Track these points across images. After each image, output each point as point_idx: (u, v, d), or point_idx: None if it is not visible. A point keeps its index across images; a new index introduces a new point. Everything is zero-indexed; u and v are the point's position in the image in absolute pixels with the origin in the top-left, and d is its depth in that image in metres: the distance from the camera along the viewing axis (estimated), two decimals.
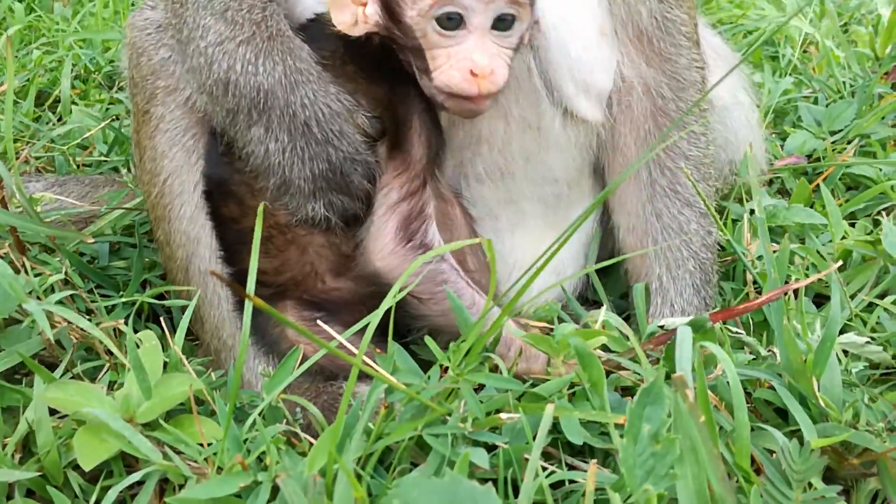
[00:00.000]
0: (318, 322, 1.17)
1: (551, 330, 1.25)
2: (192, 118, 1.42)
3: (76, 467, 1.12)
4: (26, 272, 1.23)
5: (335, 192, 1.29)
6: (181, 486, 1.06)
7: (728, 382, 1.09)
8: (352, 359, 0.88)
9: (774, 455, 1.04)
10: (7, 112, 1.41)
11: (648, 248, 1.51)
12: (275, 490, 0.94)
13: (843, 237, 1.73)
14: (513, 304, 1.02)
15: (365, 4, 1.23)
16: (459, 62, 1.17)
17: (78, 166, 2.02)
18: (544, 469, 1.04)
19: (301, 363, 1.12)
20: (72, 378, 1.24)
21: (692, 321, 1.13)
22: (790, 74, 2.61)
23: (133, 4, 3.02)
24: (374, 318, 1.00)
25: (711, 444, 0.83)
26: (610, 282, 1.62)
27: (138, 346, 1.15)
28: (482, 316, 1.02)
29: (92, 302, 1.38)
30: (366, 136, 1.30)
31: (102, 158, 2.03)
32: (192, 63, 1.34)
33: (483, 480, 0.98)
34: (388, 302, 1.00)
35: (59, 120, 2.30)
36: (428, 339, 1.10)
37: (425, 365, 1.19)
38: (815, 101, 2.44)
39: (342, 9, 1.24)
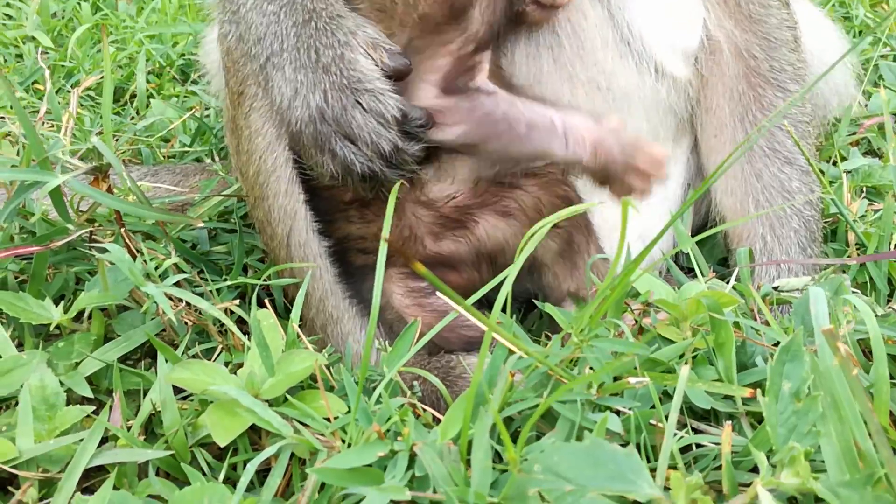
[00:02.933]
0: (438, 295, 1.17)
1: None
2: None
3: (202, 445, 1.14)
4: (142, 256, 1.25)
5: (338, 136, 1.21)
6: (308, 461, 1.07)
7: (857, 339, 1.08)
8: (488, 321, 0.88)
9: None
10: (105, 104, 1.43)
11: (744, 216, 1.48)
12: (410, 459, 0.94)
13: None
14: (637, 265, 1.01)
15: None
16: None
17: (164, 157, 2.05)
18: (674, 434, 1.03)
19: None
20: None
21: (829, 282, 1.11)
22: (865, 34, 2.56)
23: None
24: (506, 285, 0.99)
25: (863, 399, 0.82)
26: (706, 246, 1.60)
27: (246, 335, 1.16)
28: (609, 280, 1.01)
29: (197, 286, 1.40)
30: (385, 73, 1.22)
31: (186, 149, 2.05)
32: (239, 31, 1.37)
33: None
34: (513, 269, 0.99)
35: (137, 114, 2.34)
36: (550, 308, 1.10)
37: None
38: (895, 59, 2.38)
39: None
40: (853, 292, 1.27)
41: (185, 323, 1.29)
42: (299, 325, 1.50)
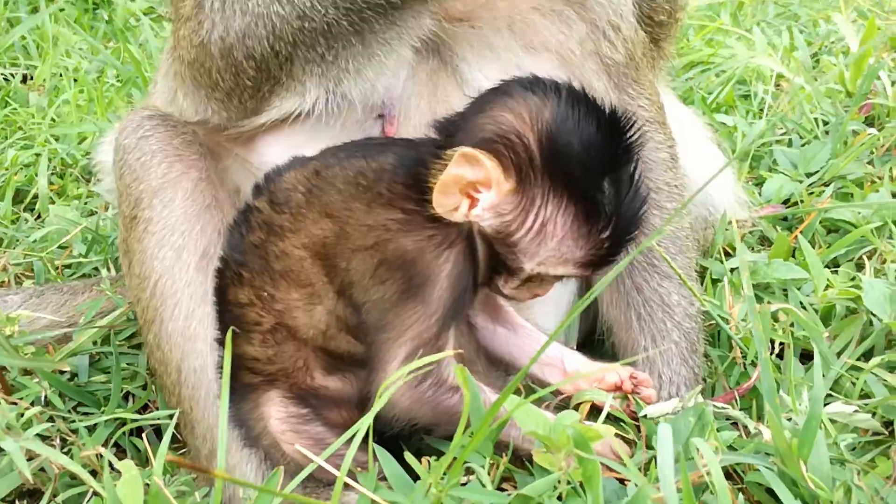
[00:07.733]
0: (298, 448, 1.16)
1: None
2: (177, 214, 1.43)
3: None
4: (4, 403, 1.22)
5: None
6: None
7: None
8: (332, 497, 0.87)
9: None
10: None
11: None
12: None
13: (827, 286, 1.73)
14: (499, 405, 1.02)
15: (474, 203, 1.20)
16: (534, 290, 1.29)
17: (57, 268, 2.01)
18: None
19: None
20: None
21: (693, 409, 1.13)
22: (762, 116, 2.61)
23: (106, 91, 3.04)
24: (360, 433, 0.98)
25: None
26: (595, 355, 1.61)
27: (119, 475, 1.13)
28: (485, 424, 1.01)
29: (72, 422, 1.36)
30: None
31: (82, 259, 2.02)
32: None
33: None
34: (372, 413, 0.98)
35: (37, 218, 2.30)
36: (409, 457, 1.09)
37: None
38: (790, 143, 2.44)
39: (448, 194, 1.19)
40: (723, 408, 1.29)
41: (55, 469, 1.26)
42: (184, 452, 1.47)
